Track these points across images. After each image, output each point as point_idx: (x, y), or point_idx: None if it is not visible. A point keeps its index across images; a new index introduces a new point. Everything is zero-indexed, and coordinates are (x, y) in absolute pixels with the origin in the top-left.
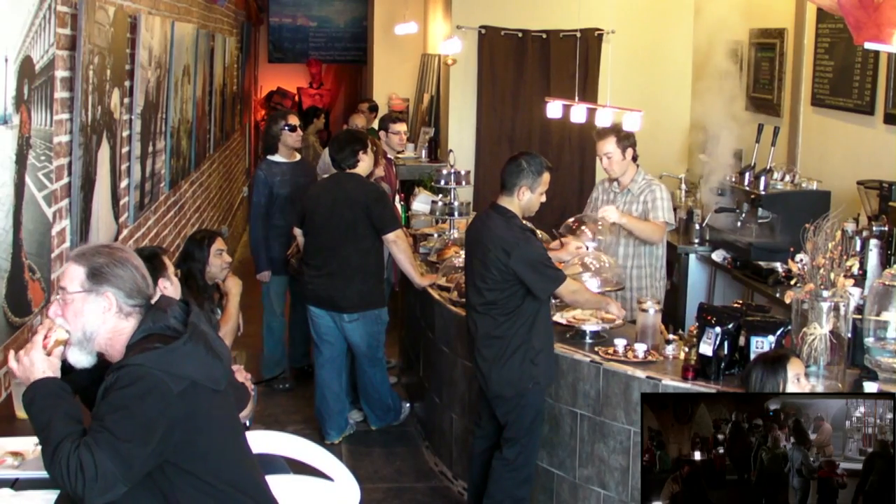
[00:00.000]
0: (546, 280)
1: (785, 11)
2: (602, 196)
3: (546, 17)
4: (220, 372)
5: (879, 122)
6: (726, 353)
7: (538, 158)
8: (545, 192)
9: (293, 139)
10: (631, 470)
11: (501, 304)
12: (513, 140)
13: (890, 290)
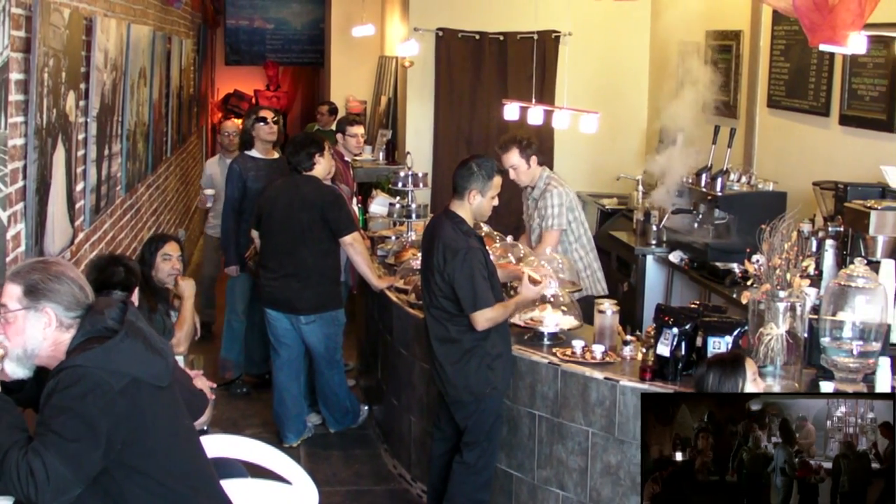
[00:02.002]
0: (473, 296)
1: (741, 14)
2: (525, 203)
3: (503, 19)
4: (162, 367)
5: (835, 124)
6: (683, 353)
7: (490, 162)
8: (498, 196)
9: (265, 132)
10: (589, 471)
11: (451, 308)
12: (470, 142)
13: (845, 290)
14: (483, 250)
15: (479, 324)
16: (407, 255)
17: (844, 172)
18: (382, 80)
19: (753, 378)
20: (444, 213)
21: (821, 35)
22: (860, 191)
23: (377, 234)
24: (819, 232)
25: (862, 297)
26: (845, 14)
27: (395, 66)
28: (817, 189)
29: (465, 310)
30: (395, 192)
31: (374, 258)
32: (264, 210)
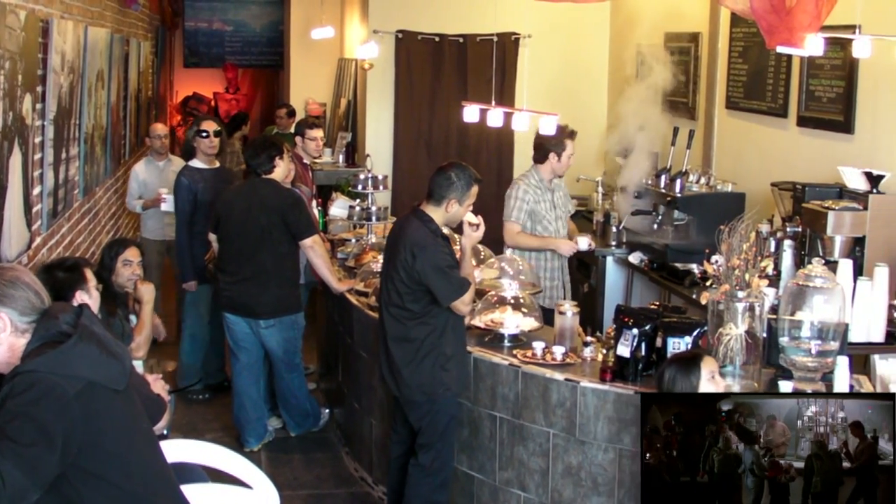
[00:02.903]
0: (449, 286)
1: (699, 16)
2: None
3: (463, 21)
4: (118, 371)
5: (792, 125)
6: (644, 354)
7: (468, 171)
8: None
9: (206, 145)
10: (550, 472)
11: (410, 307)
12: (430, 144)
13: (804, 290)
14: (449, 247)
15: (462, 310)
16: (367, 257)
17: (802, 173)
18: (342, 83)
19: (711, 377)
20: (414, 213)
21: (778, 37)
22: (818, 191)
23: (337, 237)
24: (777, 232)
25: (820, 297)
26: (802, 16)
27: (354, 69)
28: (775, 190)
29: (444, 302)
30: (354, 194)
31: (335, 261)
32: (222, 214)
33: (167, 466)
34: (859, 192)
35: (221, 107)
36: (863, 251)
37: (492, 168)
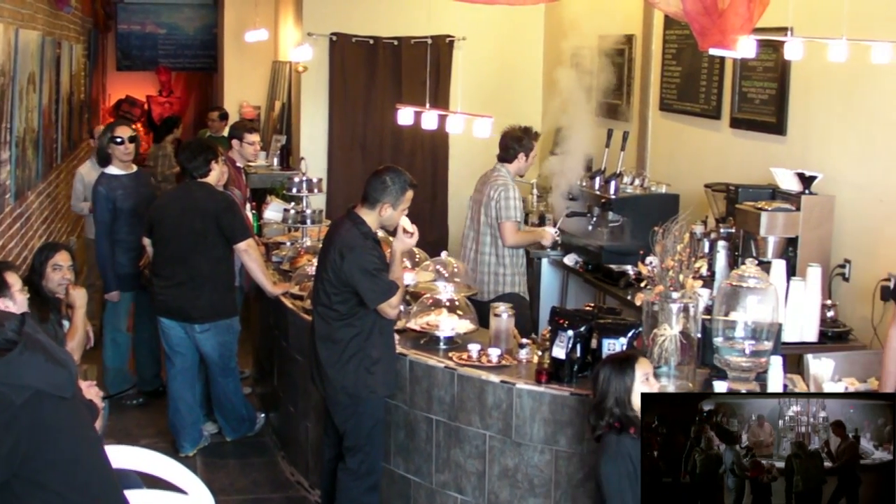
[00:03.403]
0: (376, 288)
1: (633, 18)
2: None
3: (397, 23)
4: (65, 379)
5: (725, 127)
6: (579, 355)
7: (403, 176)
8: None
9: (121, 152)
10: (487, 474)
11: (337, 307)
12: (365, 147)
13: (737, 290)
14: (380, 250)
15: (389, 313)
16: (302, 260)
17: (735, 174)
18: (276, 86)
19: (646, 378)
20: (348, 215)
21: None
22: (751, 192)
23: (272, 241)
24: (711, 233)
25: (753, 298)
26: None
27: (288, 71)
28: (709, 191)
29: (370, 304)
30: (289, 197)
31: (269, 264)
32: (156, 218)
33: (113, 473)
34: (792, 193)
35: (155, 110)
36: (795, 251)
37: (426, 170)
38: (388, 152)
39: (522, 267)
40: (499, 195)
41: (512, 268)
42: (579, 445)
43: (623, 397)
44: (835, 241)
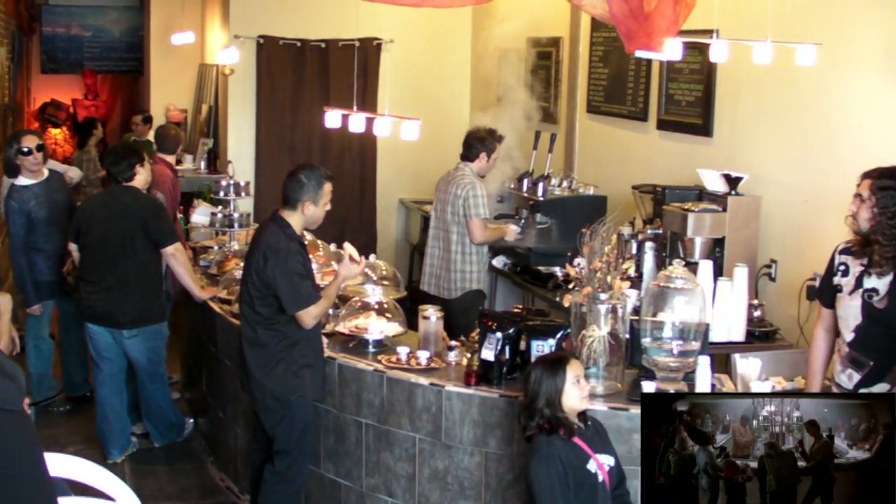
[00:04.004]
0: (297, 294)
1: (560, 21)
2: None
3: (325, 26)
4: (14, 391)
5: (653, 129)
6: (508, 357)
7: (317, 170)
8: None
9: (29, 162)
10: (417, 477)
11: (260, 311)
12: (293, 150)
13: (665, 291)
14: (304, 255)
15: (306, 322)
16: (230, 264)
17: (663, 176)
18: (203, 89)
19: (577, 380)
20: (273, 218)
21: (637, 42)
22: (678, 194)
23: (199, 245)
24: (639, 234)
25: (681, 298)
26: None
27: (215, 74)
28: (636, 193)
29: (289, 310)
30: (216, 201)
31: (197, 268)
32: (83, 222)
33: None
34: (718, 194)
35: (80, 113)
36: (722, 252)
37: (354, 173)
38: (316, 155)
39: (486, 264)
40: (466, 193)
41: (478, 265)
42: (509, 447)
43: (554, 398)
44: (761, 241)
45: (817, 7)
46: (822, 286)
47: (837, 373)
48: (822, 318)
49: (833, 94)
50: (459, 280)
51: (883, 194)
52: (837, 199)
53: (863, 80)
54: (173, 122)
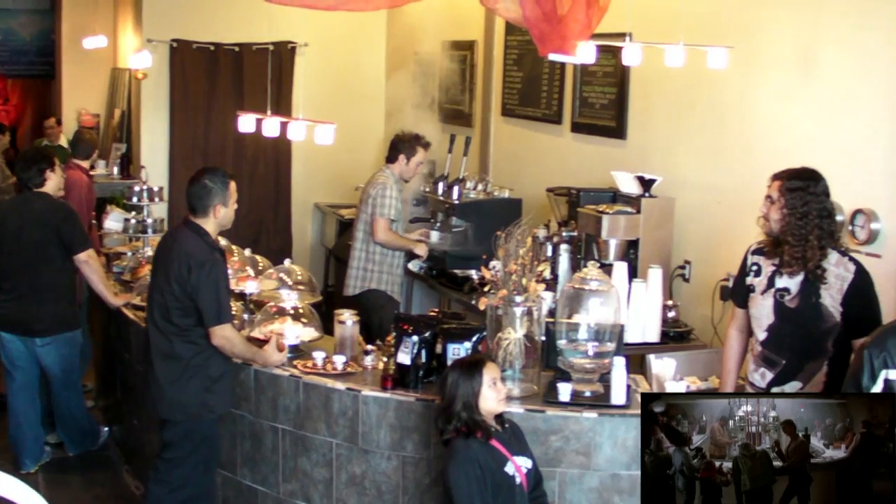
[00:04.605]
0: (218, 308)
1: (475, 24)
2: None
3: (239, 30)
4: None
5: (567, 131)
6: (424, 361)
7: (219, 172)
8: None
9: None
10: (334, 482)
11: (177, 321)
12: (206, 154)
13: (580, 293)
14: (226, 266)
15: (216, 338)
16: (143, 270)
17: (577, 178)
18: (116, 93)
19: (493, 383)
20: (187, 225)
21: (550, 45)
22: (592, 196)
23: (112, 251)
24: (554, 237)
25: (596, 300)
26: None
27: (128, 79)
28: (551, 195)
29: (207, 322)
30: (130, 206)
31: (110, 275)
32: None
33: None
34: (632, 196)
35: None
36: (637, 253)
37: (270, 177)
38: (230, 160)
39: (395, 268)
40: (376, 192)
41: (380, 265)
42: (426, 451)
43: (471, 401)
44: (675, 242)
45: (728, 10)
46: (736, 286)
47: (751, 372)
48: (736, 318)
49: (745, 96)
50: (359, 278)
51: (792, 195)
52: (750, 201)
53: (774, 83)
54: (86, 126)
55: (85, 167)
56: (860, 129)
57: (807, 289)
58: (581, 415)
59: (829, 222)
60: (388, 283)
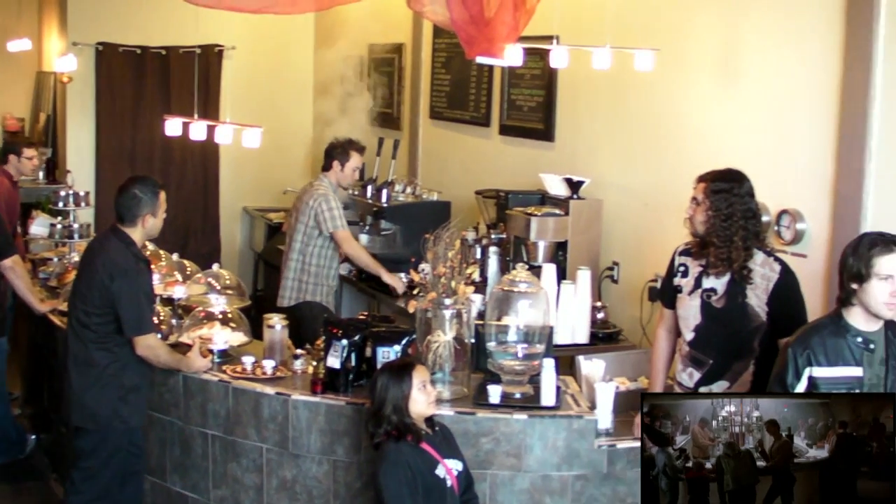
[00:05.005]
0: (139, 317)
1: (403, 27)
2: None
3: (165, 33)
4: None
5: (495, 134)
6: (354, 364)
7: (149, 181)
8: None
9: None
10: (265, 487)
11: (96, 328)
12: (134, 158)
13: (509, 295)
14: (150, 275)
15: (140, 348)
16: (70, 276)
17: (506, 181)
18: (41, 97)
19: (423, 386)
20: (113, 232)
21: (478, 48)
22: (521, 198)
23: (38, 257)
24: (482, 239)
25: (525, 302)
26: (501, 27)
27: (53, 82)
28: (480, 198)
29: (127, 332)
30: (55, 212)
31: (36, 281)
32: None
33: None
34: (561, 199)
35: None
36: (566, 255)
37: (197, 182)
38: (158, 164)
39: (331, 280)
40: (318, 205)
41: (315, 277)
42: (357, 455)
43: (401, 404)
44: (603, 244)
45: (655, 13)
46: (663, 287)
47: (679, 372)
48: (664, 318)
49: (671, 98)
50: (295, 289)
51: (716, 197)
52: (677, 202)
53: (700, 85)
54: (10, 131)
55: (10, 172)
56: (785, 130)
57: (733, 289)
58: (511, 416)
59: (754, 223)
60: (324, 294)
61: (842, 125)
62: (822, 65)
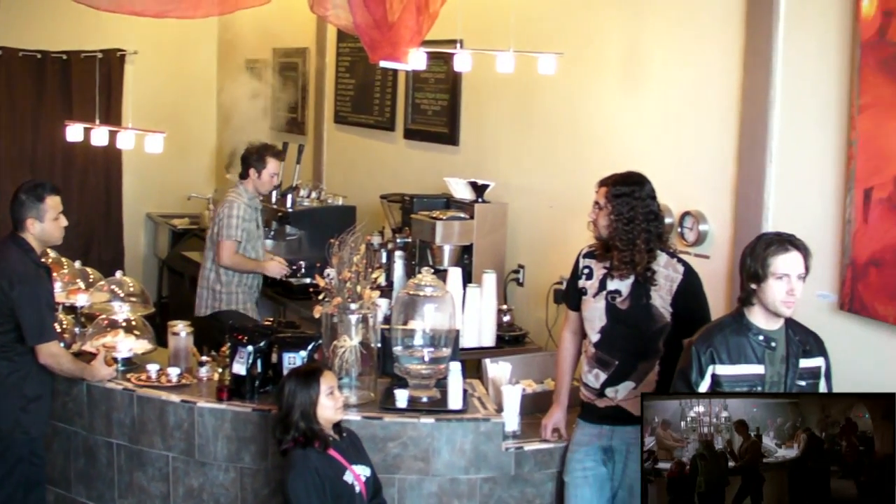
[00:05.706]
0: (41, 326)
1: (307, 31)
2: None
3: (66, 37)
4: None
5: (400, 138)
6: (260, 371)
7: (37, 186)
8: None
9: None
10: (171, 496)
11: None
12: (34, 164)
13: (415, 299)
14: (51, 283)
15: (43, 356)
16: None
17: (411, 185)
18: None
19: (330, 392)
20: (11, 239)
21: (381, 52)
22: (426, 202)
23: None
24: (388, 243)
25: (431, 305)
26: (404, 31)
27: None
28: (385, 202)
29: (28, 340)
30: None
31: None
32: None
33: None
34: (466, 202)
35: None
36: (471, 259)
37: (100, 188)
38: (59, 170)
39: (252, 289)
40: (221, 211)
41: (228, 286)
42: (264, 461)
43: (308, 410)
44: (509, 247)
45: (559, 18)
46: (568, 289)
47: (585, 373)
48: (569, 320)
49: (575, 102)
50: (210, 298)
51: (618, 201)
52: (581, 204)
53: (603, 89)
54: None
55: None
56: (687, 132)
57: (637, 290)
58: (418, 421)
59: (656, 225)
60: (240, 301)
61: (742, 127)
62: (722, 68)
